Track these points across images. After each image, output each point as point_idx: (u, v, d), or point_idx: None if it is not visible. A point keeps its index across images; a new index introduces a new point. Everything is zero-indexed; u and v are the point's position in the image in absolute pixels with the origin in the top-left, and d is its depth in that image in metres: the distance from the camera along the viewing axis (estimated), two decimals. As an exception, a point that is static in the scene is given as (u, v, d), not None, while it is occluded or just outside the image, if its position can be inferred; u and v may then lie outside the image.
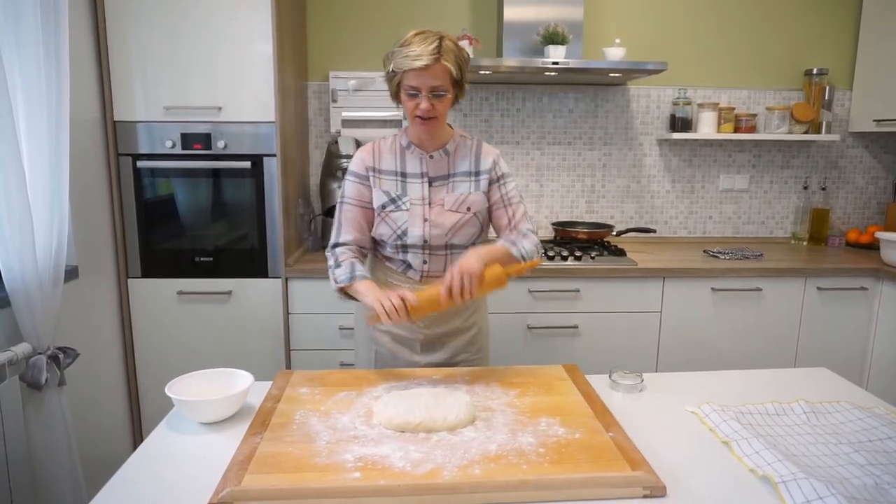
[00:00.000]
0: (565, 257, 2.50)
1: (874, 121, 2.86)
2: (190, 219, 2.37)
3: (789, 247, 2.96)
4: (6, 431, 1.57)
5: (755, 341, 2.54)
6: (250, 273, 2.40)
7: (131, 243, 2.36)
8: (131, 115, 2.27)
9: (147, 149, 2.30)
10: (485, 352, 1.75)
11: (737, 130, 2.90)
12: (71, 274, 2.02)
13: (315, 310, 2.40)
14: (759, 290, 2.49)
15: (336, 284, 1.51)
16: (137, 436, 2.45)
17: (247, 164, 2.32)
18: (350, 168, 1.61)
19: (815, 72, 2.91)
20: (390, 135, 1.63)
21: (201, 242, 2.38)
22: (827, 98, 2.93)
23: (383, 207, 1.57)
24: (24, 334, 1.68)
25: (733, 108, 2.89)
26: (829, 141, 3.04)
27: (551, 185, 3.02)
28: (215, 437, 1.19)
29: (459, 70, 1.47)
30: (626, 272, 2.43)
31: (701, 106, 2.88)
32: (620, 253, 2.60)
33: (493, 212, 1.63)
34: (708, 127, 2.86)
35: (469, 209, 1.58)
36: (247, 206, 2.37)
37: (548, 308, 2.45)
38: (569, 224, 2.95)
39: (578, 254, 2.52)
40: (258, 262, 2.40)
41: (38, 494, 1.73)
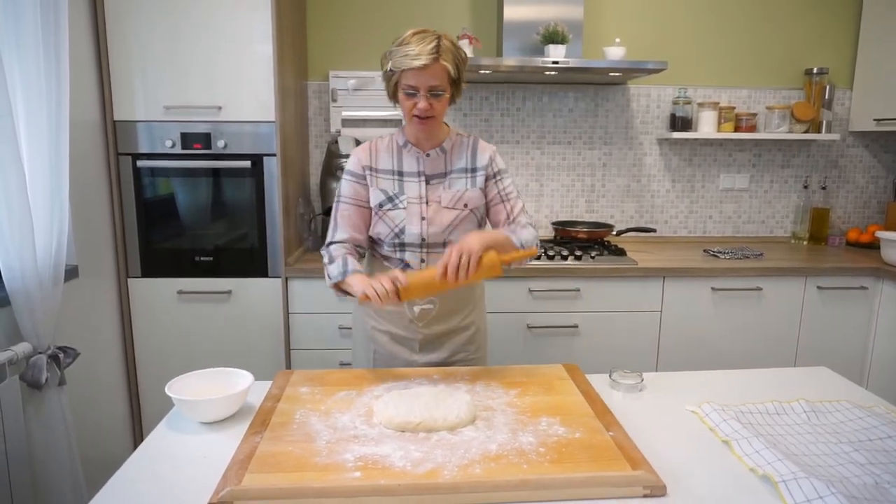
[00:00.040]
0: (565, 257, 2.50)
1: (874, 120, 2.86)
2: (190, 218, 2.37)
3: (789, 246, 2.96)
4: (6, 431, 1.57)
5: (755, 341, 2.54)
6: (250, 273, 2.40)
7: (131, 243, 2.36)
8: (131, 115, 2.27)
9: (147, 148, 2.30)
10: (483, 351, 1.75)
11: (737, 130, 2.90)
12: (71, 273, 2.02)
13: (315, 309, 2.40)
14: (760, 289, 2.49)
15: (330, 281, 1.51)
16: (137, 435, 2.46)
17: (247, 163, 2.31)
18: (347, 167, 1.61)
19: (815, 71, 2.91)
20: (387, 134, 1.64)
21: (201, 242, 2.38)
22: (827, 97, 2.93)
23: (380, 206, 1.57)
24: (25, 334, 1.68)
25: (733, 108, 2.89)
26: (830, 140, 3.04)
27: (551, 185, 3.02)
28: (215, 436, 1.19)
29: (457, 69, 1.47)
30: (626, 272, 2.43)
31: (701, 105, 2.88)
32: (620, 252, 2.60)
33: (491, 208, 1.64)
34: (708, 126, 2.86)
35: (466, 206, 1.58)
36: (247, 206, 2.37)
37: (548, 307, 2.45)
38: (569, 223, 2.95)
39: (578, 253, 2.52)
40: (258, 261, 2.40)
41: (38, 494, 1.74)
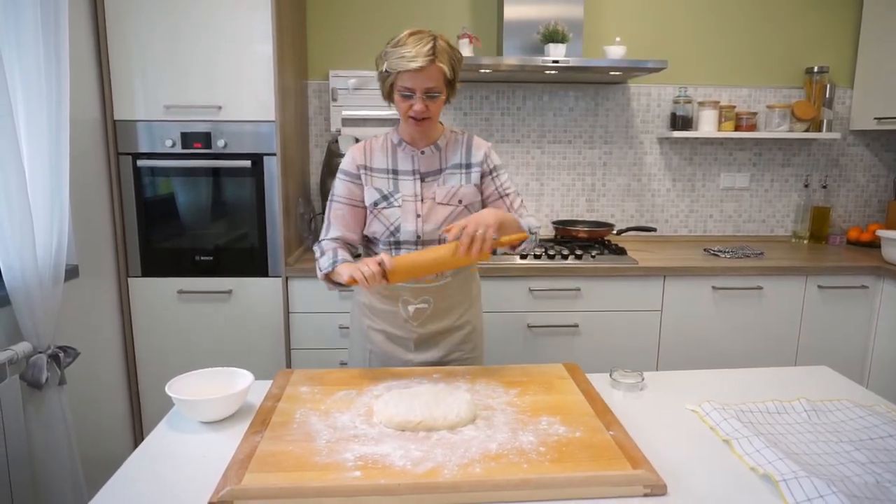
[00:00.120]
0: (566, 256, 2.50)
1: (875, 119, 2.86)
2: (190, 218, 2.37)
3: (790, 245, 2.96)
4: (6, 430, 1.57)
5: (756, 340, 2.54)
6: (250, 272, 2.40)
7: (131, 242, 2.36)
8: (131, 115, 2.27)
9: (147, 148, 2.30)
10: (479, 350, 1.75)
11: (737, 129, 2.89)
12: (71, 273, 2.02)
13: (315, 309, 2.40)
14: (760, 288, 2.49)
15: (321, 272, 1.52)
16: (138, 435, 2.46)
17: (247, 163, 2.31)
18: (341, 166, 1.62)
19: (815, 70, 2.91)
20: (382, 133, 1.64)
21: (201, 241, 2.38)
22: (828, 96, 2.92)
23: (375, 205, 1.58)
24: (25, 333, 1.68)
25: (734, 107, 2.89)
26: (830, 139, 3.03)
27: (552, 184, 3.01)
28: (215, 436, 1.19)
29: (453, 70, 1.48)
30: (626, 271, 2.43)
31: (701, 104, 2.88)
32: (621, 252, 2.60)
33: (490, 204, 1.64)
34: (708, 125, 2.86)
35: (461, 202, 1.58)
36: (247, 206, 2.37)
37: (548, 307, 2.45)
38: (569, 223, 2.95)
39: (579, 252, 2.51)
40: (258, 261, 2.39)
41: (38, 493, 1.74)
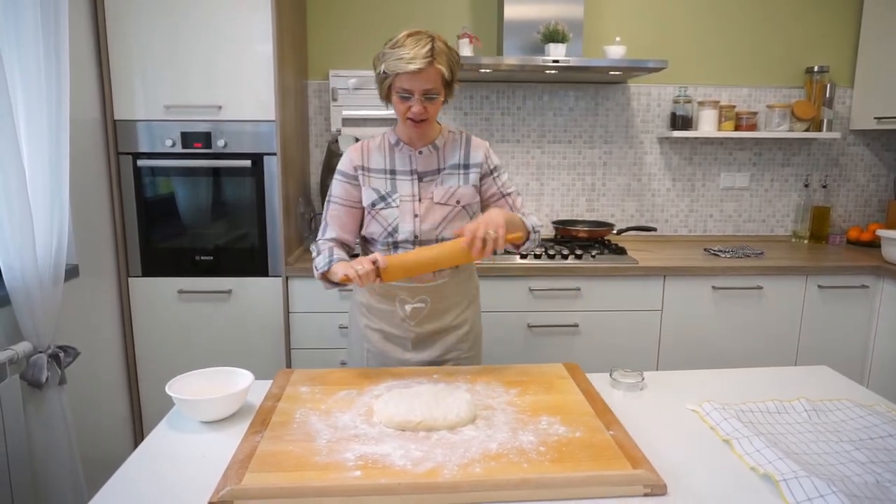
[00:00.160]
0: (566, 256, 2.50)
1: (875, 118, 2.86)
2: (190, 217, 2.37)
3: (790, 245, 2.96)
4: (7, 430, 1.57)
5: (756, 339, 2.54)
6: (251, 272, 2.40)
7: (132, 242, 2.36)
8: (131, 114, 2.27)
9: (147, 147, 2.30)
10: (477, 350, 1.75)
11: (737, 128, 2.89)
12: (71, 273, 2.02)
13: (315, 309, 2.40)
14: (760, 288, 2.49)
15: (317, 272, 1.53)
16: (138, 434, 2.46)
17: (247, 162, 2.31)
18: (338, 167, 1.63)
19: (815, 69, 2.91)
20: (379, 134, 1.64)
21: (202, 241, 2.38)
22: (828, 96, 2.92)
23: (373, 205, 1.58)
24: (25, 333, 1.68)
25: (734, 106, 2.89)
26: (830, 139, 3.03)
27: (552, 184, 3.01)
28: (216, 435, 1.19)
29: (451, 72, 1.48)
30: (626, 271, 2.43)
31: (701, 104, 2.88)
32: (621, 251, 2.60)
33: (492, 204, 1.65)
34: (708, 125, 2.86)
35: (458, 202, 1.59)
36: (247, 205, 2.37)
37: (548, 307, 2.45)
38: (569, 222, 2.95)
39: (579, 252, 2.51)
40: (258, 260, 2.39)
41: (38, 493, 1.74)
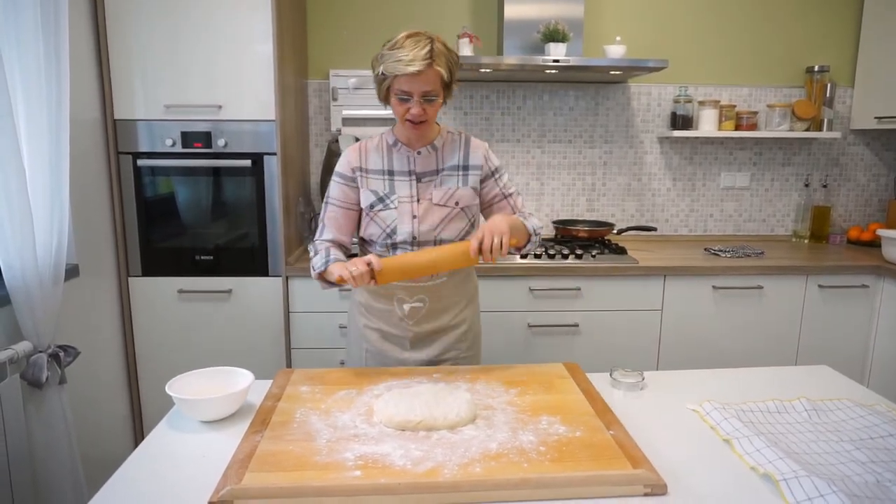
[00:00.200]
0: (566, 255, 2.50)
1: (875, 118, 2.86)
2: (190, 217, 2.37)
3: (790, 244, 2.96)
4: (7, 430, 1.57)
5: (756, 339, 2.54)
6: (251, 272, 2.40)
7: (132, 242, 2.36)
8: (131, 114, 2.27)
9: (147, 147, 2.30)
10: (476, 349, 1.75)
11: (738, 128, 2.89)
12: (71, 272, 2.02)
13: (315, 308, 2.40)
14: (761, 287, 2.49)
15: (314, 272, 1.54)
16: (138, 434, 2.46)
17: (247, 162, 2.31)
18: (336, 169, 1.63)
19: (816, 69, 2.91)
20: (377, 134, 1.64)
21: (202, 241, 2.38)
22: (828, 95, 2.92)
23: (371, 207, 1.57)
24: (25, 332, 1.68)
25: (734, 106, 2.89)
26: (831, 138, 3.03)
27: (552, 184, 3.01)
28: (216, 435, 1.19)
29: (450, 73, 1.47)
30: (626, 270, 2.43)
31: (702, 103, 2.88)
32: (621, 251, 2.60)
33: (494, 205, 1.65)
34: (709, 124, 2.86)
35: (457, 203, 1.58)
36: (247, 205, 2.37)
37: (548, 306, 2.45)
38: (569, 222, 2.95)
39: (579, 252, 2.51)
40: (258, 260, 2.39)
41: (38, 493, 1.74)
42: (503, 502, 0.97)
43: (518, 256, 2.44)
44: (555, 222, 2.93)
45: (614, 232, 2.88)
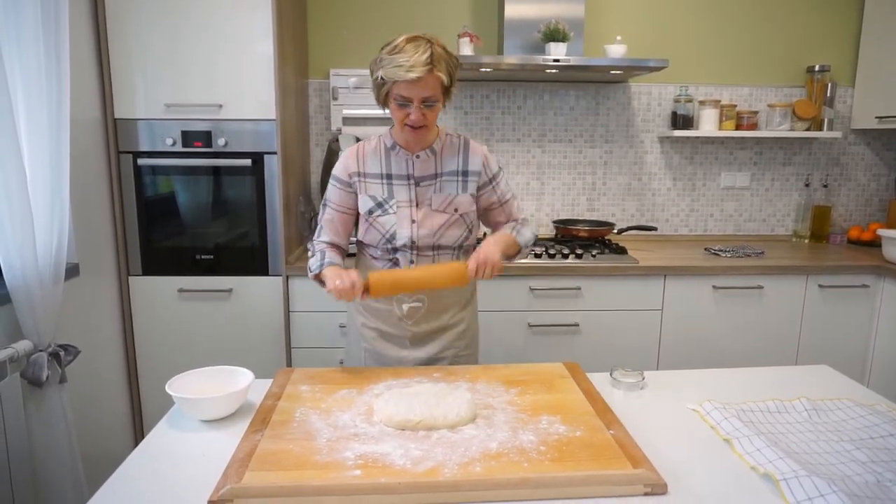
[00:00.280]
0: (566, 255, 2.50)
1: (876, 118, 2.86)
2: (191, 216, 2.37)
3: (791, 244, 2.96)
4: (7, 428, 1.57)
5: (756, 339, 2.54)
6: (251, 271, 2.39)
7: (132, 241, 2.36)
8: (132, 113, 2.27)
9: (148, 146, 2.30)
10: (474, 349, 1.75)
11: (738, 128, 2.89)
12: (72, 271, 2.02)
13: (316, 308, 2.40)
14: (761, 287, 2.49)
15: (310, 273, 1.57)
16: (138, 433, 2.46)
17: (247, 161, 2.31)
18: (334, 172, 1.62)
19: (816, 69, 2.91)
20: (375, 136, 1.63)
21: (202, 240, 2.38)
22: (829, 95, 2.92)
23: (370, 213, 1.57)
24: (25, 331, 1.68)
25: (735, 106, 2.89)
26: (831, 138, 3.03)
27: (552, 183, 3.01)
28: (216, 434, 1.19)
29: (450, 77, 1.46)
30: (627, 270, 2.43)
31: (702, 103, 2.87)
32: (621, 251, 2.60)
33: (491, 212, 1.66)
34: (709, 124, 2.86)
35: (456, 210, 1.57)
36: (247, 204, 2.37)
37: (549, 306, 2.45)
38: (570, 222, 2.95)
39: (579, 252, 2.51)
40: (259, 259, 2.39)
41: (38, 492, 1.74)
42: (503, 502, 0.98)
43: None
44: (555, 222, 2.93)
45: (614, 231, 2.88)
